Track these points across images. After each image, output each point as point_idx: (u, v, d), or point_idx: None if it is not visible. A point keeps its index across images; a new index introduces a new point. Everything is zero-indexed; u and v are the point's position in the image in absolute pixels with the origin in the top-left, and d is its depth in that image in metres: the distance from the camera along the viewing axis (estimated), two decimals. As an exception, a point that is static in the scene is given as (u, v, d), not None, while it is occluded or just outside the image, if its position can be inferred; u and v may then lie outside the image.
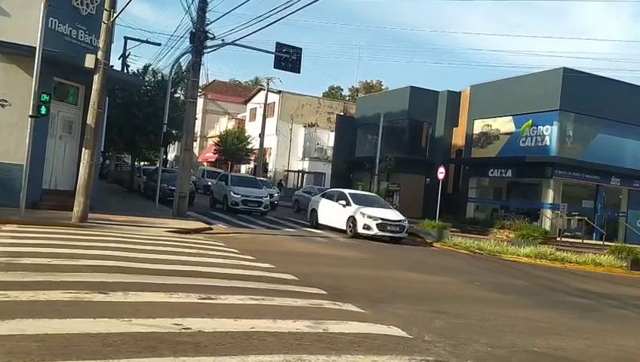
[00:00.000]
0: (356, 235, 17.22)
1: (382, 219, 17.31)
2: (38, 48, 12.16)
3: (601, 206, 24.43)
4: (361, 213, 17.50)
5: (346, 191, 20.07)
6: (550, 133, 23.24)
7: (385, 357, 4.59)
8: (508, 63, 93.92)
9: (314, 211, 20.00)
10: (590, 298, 10.55)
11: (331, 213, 18.80)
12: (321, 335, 5.08)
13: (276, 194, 25.42)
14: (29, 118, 12.24)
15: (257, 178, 29.05)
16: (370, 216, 17.35)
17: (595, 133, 23.78)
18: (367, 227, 17.18)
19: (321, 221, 19.31)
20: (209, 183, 30.86)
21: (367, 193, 21.40)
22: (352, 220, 17.63)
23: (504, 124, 25.63)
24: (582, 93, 22.79)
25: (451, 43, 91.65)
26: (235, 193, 21.46)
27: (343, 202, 18.33)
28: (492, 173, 25.91)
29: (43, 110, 12.32)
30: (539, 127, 23.77)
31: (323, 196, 20.24)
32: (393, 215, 17.98)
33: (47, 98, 12.35)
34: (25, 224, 11.24)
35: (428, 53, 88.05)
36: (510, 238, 19.81)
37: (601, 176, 23.65)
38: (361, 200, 18.51)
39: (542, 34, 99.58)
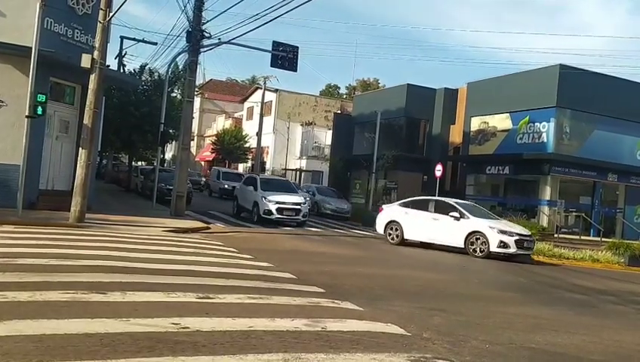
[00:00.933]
0: (489, 255, 14.36)
1: (518, 234, 14.73)
2: (33, 48, 12.14)
3: (599, 202, 24.46)
4: (489, 227, 14.65)
5: (450, 200, 16.66)
6: (547, 130, 23.28)
7: (383, 355, 4.59)
8: (504, 60, 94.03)
9: (394, 223, 16.26)
10: (588, 294, 10.59)
11: (431, 226, 15.54)
12: (320, 333, 5.07)
13: (309, 199, 22.44)
14: (26, 119, 12.22)
15: (290, 181, 26.60)
16: (504, 231, 14.61)
17: (592, 130, 23.82)
18: (503, 245, 14.39)
19: (409, 236, 15.98)
20: (225, 186, 29.67)
21: (463, 201, 18.03)
22: (476, 236, 14.64)
23: (501, 121, 25.66)
24: (579, 89, 22.81)
25: (448, 40, 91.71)
26: (267, 200, 18.11)
27: (456, 214, 15.15)
28: (489, 170, 25.94)
29: (39, 110, 12.30)
30: (536, 124, 23.80)
31: (406, 205, 16.63)
32: (519, 228, 15.47)
33: (44, 98, 12.34)
34: (22, 224, 11.23)
35: (425, 50, 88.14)
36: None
37: (598, 173, 23.69)
38: (472, 211, 15.66)
39: (538, 31, 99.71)
